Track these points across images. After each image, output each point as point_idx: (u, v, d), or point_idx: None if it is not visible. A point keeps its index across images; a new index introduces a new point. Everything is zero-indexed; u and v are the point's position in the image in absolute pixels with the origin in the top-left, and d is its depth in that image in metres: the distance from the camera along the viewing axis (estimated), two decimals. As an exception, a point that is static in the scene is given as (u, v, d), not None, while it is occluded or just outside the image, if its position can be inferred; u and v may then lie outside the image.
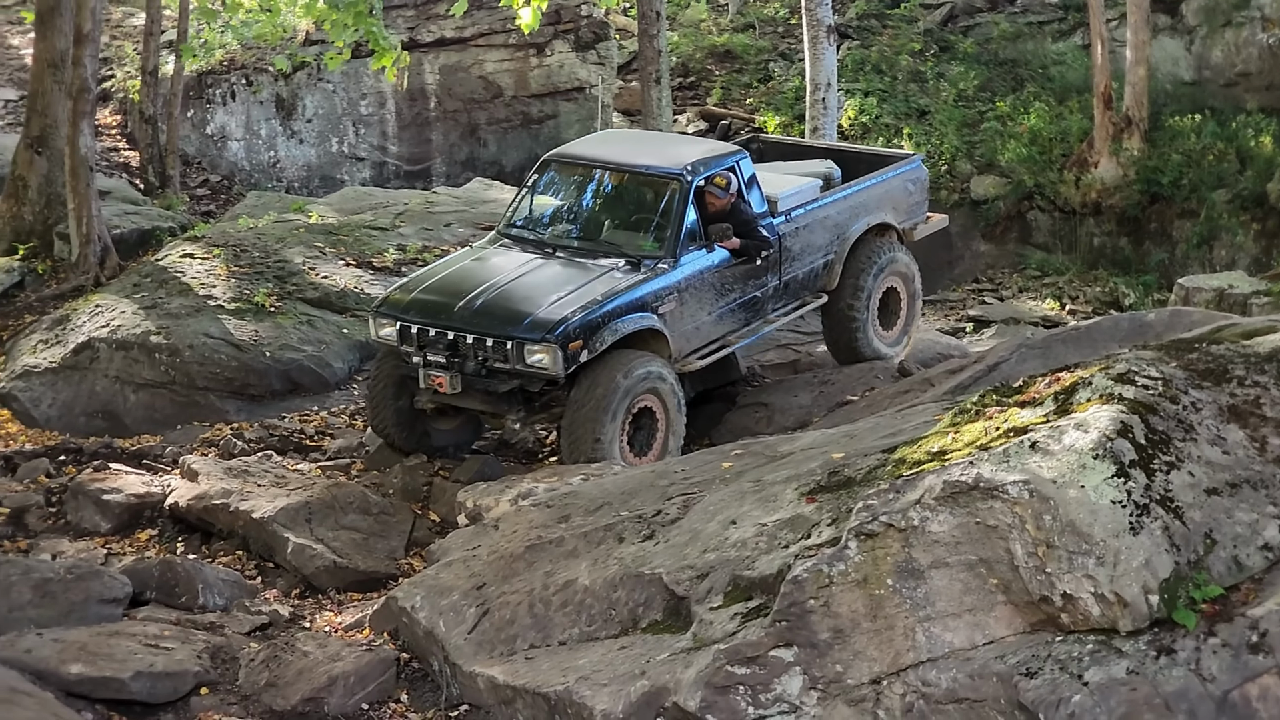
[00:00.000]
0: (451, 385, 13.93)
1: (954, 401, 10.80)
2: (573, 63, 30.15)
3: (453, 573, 10.40)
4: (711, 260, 14.91)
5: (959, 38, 33.09)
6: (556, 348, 13.53)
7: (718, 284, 15.02)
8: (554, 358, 13.55)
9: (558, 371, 13.61)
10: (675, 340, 14.51)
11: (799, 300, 16.16)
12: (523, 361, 13.65)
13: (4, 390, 17.20)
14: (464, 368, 13.90)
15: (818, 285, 16.33)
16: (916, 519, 7.60)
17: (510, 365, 13.73)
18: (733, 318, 15.32)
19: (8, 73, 29.74)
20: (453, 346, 13.88)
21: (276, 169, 28.50)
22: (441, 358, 13.93)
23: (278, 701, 9.90)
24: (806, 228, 15.98)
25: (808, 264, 16.06)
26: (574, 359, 13.62)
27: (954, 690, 7.42)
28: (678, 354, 14.61)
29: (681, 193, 14.74)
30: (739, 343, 15.54)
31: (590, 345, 13.70)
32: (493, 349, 13.72)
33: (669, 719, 7.83)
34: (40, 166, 20.56)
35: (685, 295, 14.62)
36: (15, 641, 10.13)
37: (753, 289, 15.44)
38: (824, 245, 16.21)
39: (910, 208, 17.47)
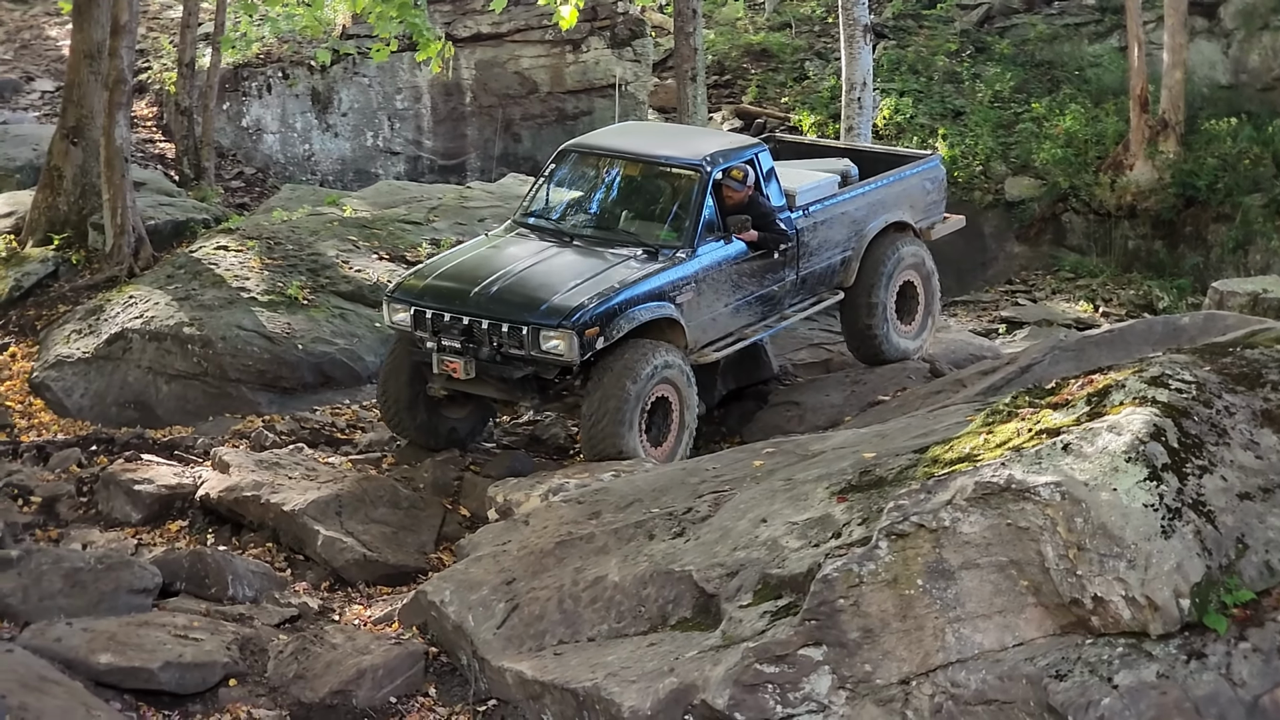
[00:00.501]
0: (466, 371, 13.83)
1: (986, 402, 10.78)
2: (608, 59, 30.14)
3: (482, 568, 10.41)
4: (729, 252, 14.86)
5: (995, 38, 33.01)
6: (573, 334, 13.44)
7: (735, 276, 14.96)
8: (570, 344, 13.45)
9: (574, 358, 13.53)
10: (692, 331, 14.43)
11: (816, 296, 16.12)
12: (538, 348, 13.57)
13: (37, 380, 17.26)
14: (478, 353, 13.82)
15: (835, 282, 16.26)
16: (948, 520, 7.58)
17: (525, 351, 13.64)
18: (750, 311, 15.26)
19: (45, 64, 29.84)
20: (467, 332, 13.79)
21: (311, 162, 28.54)
22: (456, 343, 13.84)
23: (306, 694, 9.92)
24: (825, 223, 15.94)
25: (825, 259, 16.00)
26: (590, 346, 13.53)
27: (983, 691, 7.40)
28: (694, 345, 14.55)
29: (700, 183, 14.72)
30: (755, 336, 15.50)
31: (606, 332, 13.63)
32: (508, 334, 13.64)
33: (697, 716, 7.82)
34: (76, 157, 20.59)
35: (702, 286, 14.55)
36: (45, 630, 10.17)
37: (770, 283, 15.38)
38: (842, 241, 16.17)
39: (927, 206, 17.42)
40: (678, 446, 14.12)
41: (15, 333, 18.65)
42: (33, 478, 14.68)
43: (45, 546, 12.79)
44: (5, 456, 15.35)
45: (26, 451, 15.43)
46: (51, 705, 8.77)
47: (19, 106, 27.59)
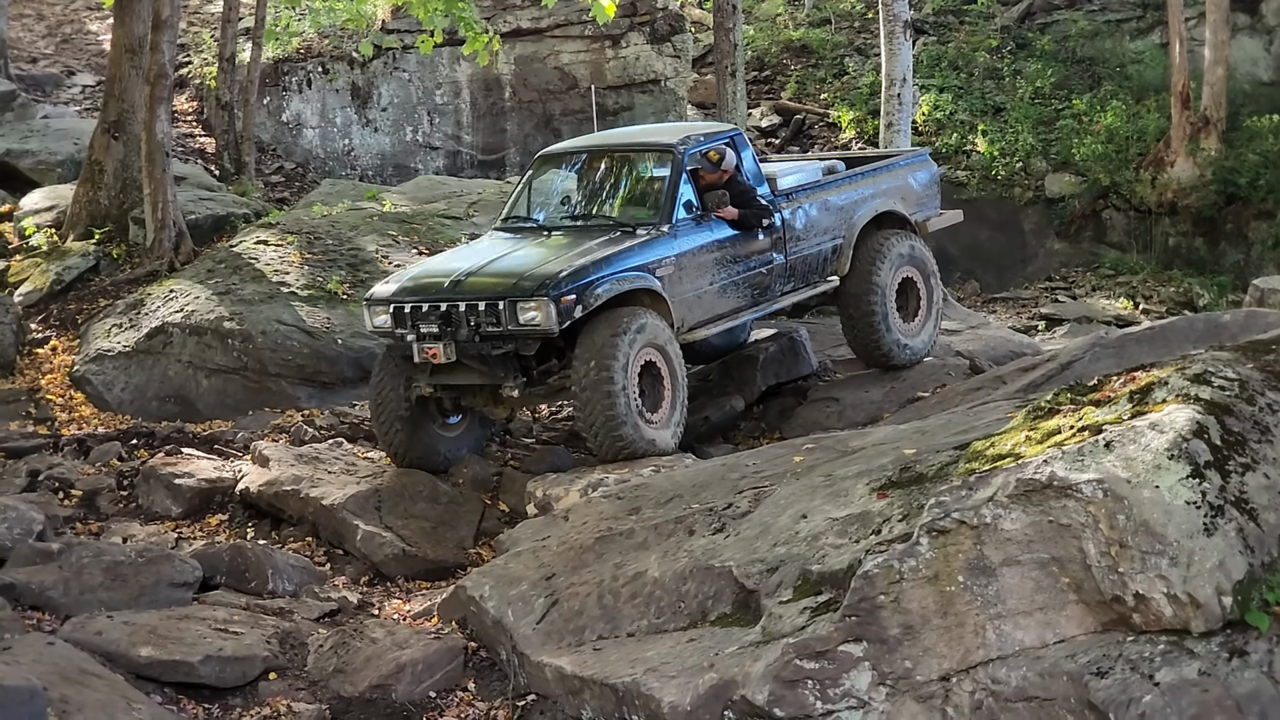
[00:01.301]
0: (446, 354, 13.60)
1: (1026, 399, 10.75)
2: (648, 55, 30.14)
3: (522, 563, 10.41)
4: (710, 230, 14.77)
5: (1036, 35, 32.94)
6: (549, 302, 13.23)
7: (719, 254, 14.83)
8: (547, 314, 13.25)
9: (551, 327, 13.30)
10: (677, 307, 14.28)
11: (809, 283, 15.93)
12: (516, 321, 13.36)
13: (78, 373, 17.33)
14: (457, 335, 13.58)
15: (828, 270, 16.10)
16: (989, 516, 7.55)
17: (503, 327, 13.41)
18: (737, 292, 15.09)
19: (86, 58, 29.96)
20: (445, 317, 13.59)
21: (351, 157, 28.61)
22: (434, 327, 13.62)
23: (345, 688, 9.93)
24: (809, 208, 15.86)
25: (814, 245, 15.88)
26: (568, 314, 13.35)
27: (1024, 689, 7.37)
28: (681, 322, 14.37)
29: (675, 163, 14.71)
30: (745, 318, 15.43)
31: (584, 300, 13.45)
32: (485, 312, 13.43)
33: (737, 712, 7.81)
34: (117, 151, 20.67)
35: (684, 261, 14.43)
36: (86, 624, 10.21)
37: (758, 265, 15.25)
38: (831, 228, 16.04)
39: (920, 200, 17.26)
40: (672, 413, 13.91)
41: (56, 326, 18.74)
42: (73, 471, 14.74)
43: (86, 540, 12.83)
44: (46, 450, 15.41)
45: (67, 445, 15.50)
46: (92, 698, 8.80)
47: (60, 101, 27.70)
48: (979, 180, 29.92)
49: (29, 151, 23.51)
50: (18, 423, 16.34)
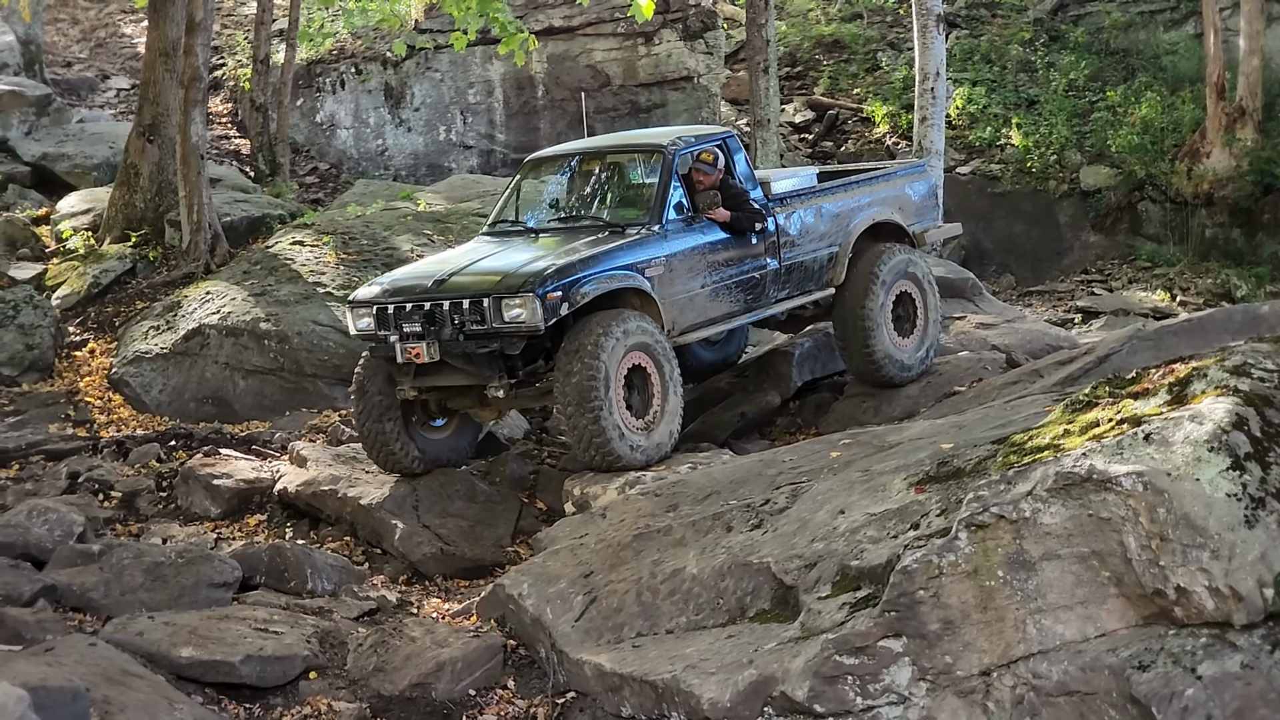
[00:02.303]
0: (429, 353, 13.25)
1: (1064, 393, 10.73)
2: (681, 52, 30.13)
3: (560, 561, 10.42)
4: (702, 232, 14.44)
5: (1069, 27, 32.84)
6: (534, 298, 12.87)
7: (711, 257, 14.46)
8: (532, 310, 12.90)
9: (537, 323, 12.93)
10: (667, 309, 13.92)
11: (804, 290, 15.52)
12: (500, 318, 13.00)
13: (116, 375, 17.40)
14: (440, 334, 13.24)
15: (824, 279, 15.66)
16: (1028, 510, 7.53)
17: (488, 324, 13.07)
18: (730, 296, 14.70)
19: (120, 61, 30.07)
20: (429, 316, 13.25)
21: (384, 157, 28.67)
22: (417, 326, 13.29)
23: (385, 686, 9.95)
24: (804, 214, 15.49)
25: (809, 251, 15.47)
26: (554, 311, 12.99)
27: (1065, 683, 7.35)
28: (671, 324, 14.02)
29: (665, 163, 14.42)
30: (739, 322, 15.09)
31: (570, 298, 13.11)
32: (469, 310, 13.10)
33: (777, 708, 7.81)
34: (152, 154, 20.74)
35: (674, 262, 14.08)
36: (127, 624, 10.25)
37: (751, 269, 14.86)
38: (826, 234, 15.64)
39: (919, 210, 16.80)
40: (661, 421, 13.51)
41: (94, 329, 18.81)
42: (113, 473, 14.81)
43: (126, 541, 12.89)
44: (86, 452, 15.49)
45: (106, 447, 15.56)
46: (134, 698, 8.83)
47: (95, 104, 27.82)
48: (1013, 173, 29.86)
49: (65, 155, 23.62)
50: (57, 425, 16.41)
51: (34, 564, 11.59)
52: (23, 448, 15.60)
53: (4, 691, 6.72)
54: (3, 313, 18.04)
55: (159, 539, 13.19)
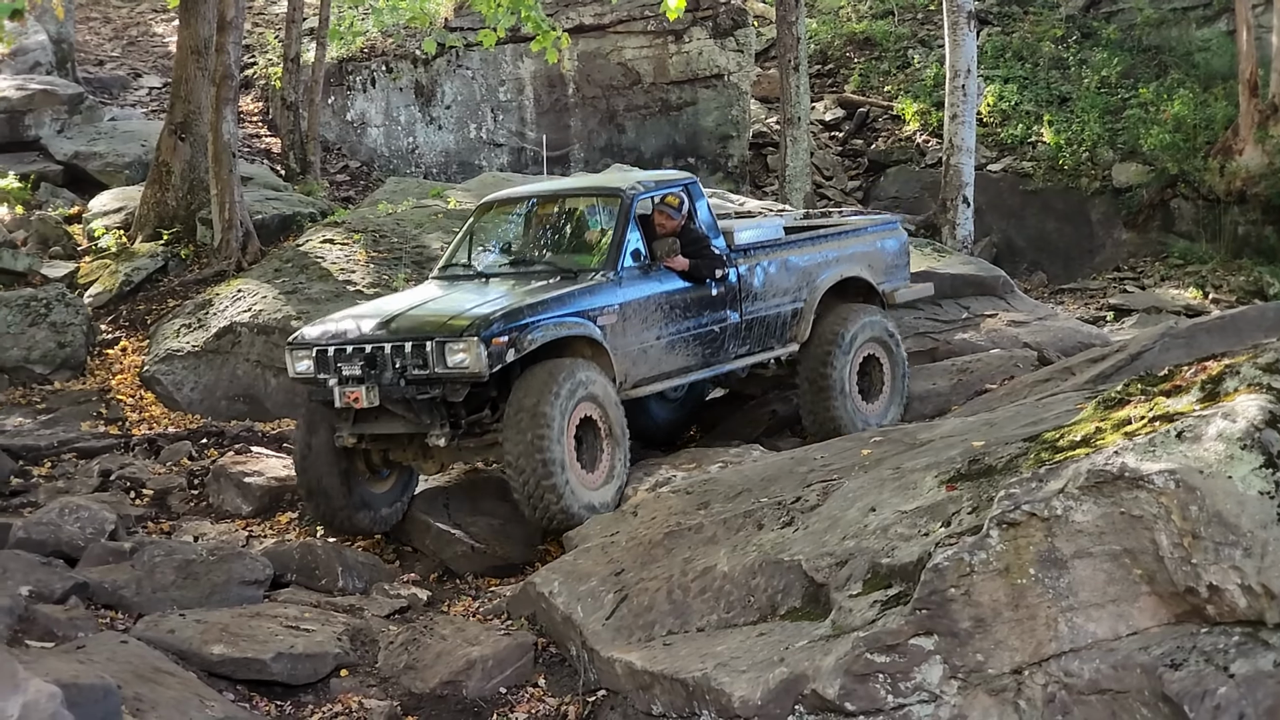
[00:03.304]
0: (368, 398, 12.65)
1: (1096, 390, 10.69)
2: (711, 49, 30.14)
3: (591, 559, 10.42)
4: (659, 281, 13.89)
5: (1102, 24, 32.77)
6: (479, 343, 12.28)
7: (667, 307, 13.91)
8: (476, 356, 12.29)
9: (481, 370, 12.32)
10: (619, 359, 13.34)
11: (766, 346, 14.92)
12: (443, 363, 12.41)
13: (148, 373, 17.45)
14: (380, 379, 12.63)
15: (787, 335, 15.10)
16: (1060, 508, 7.49)
17: (430, 369, 12.47)
18: (688, 349, 14.11)
19: (152, 60, 30.15)
20: (370, 359, 12.66)
21: (415, 155, 28.70)
22: (356, 370, 12.71)
23: (416, 684, 9.97)
24: (768, 267, 14.92)
25: (773, 306, 14.91)
26: (499, 358, 12.40)
27: (1097, 681, 7.32)
28: (624, 376, 13.45)
29: (622, 208, 13.87)
30: (694, 377, 14.36)
31: (517, 344, 12.52)
32: (411, 353, 12.50)
33: (808, 706, 7.79)
34: (184, 152, 20.80)
35: (629, 311, 13.50)
36: (159, 622, 10.28)
37: (710, 321, 14.30)
38: (790, 289, 15.07)
39: (889, 268, 16.19)
40: (611, 472, 12.88)
41: (126, 327, 18.87)
42: (144, 470, 14.85)
43: (157, 539, 12.93)
44: (117, 450, 15.54)
45: (138, 444, 15.61)
46: (166, 695, 8.86)
47: (127, 103, 27.90)
48: (1045, 171, 29.80)
49: (97, 154, 23.70)
50: (89, 423, 16.47)
51: (66, 561, 11.65)
52: (55, 445, 15.66)
53: (36, 688, 6.73)
54: (35, 311, 18.10)
55: (190, 537, 13.23)
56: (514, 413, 12.39)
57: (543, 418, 12.26)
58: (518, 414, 12.35)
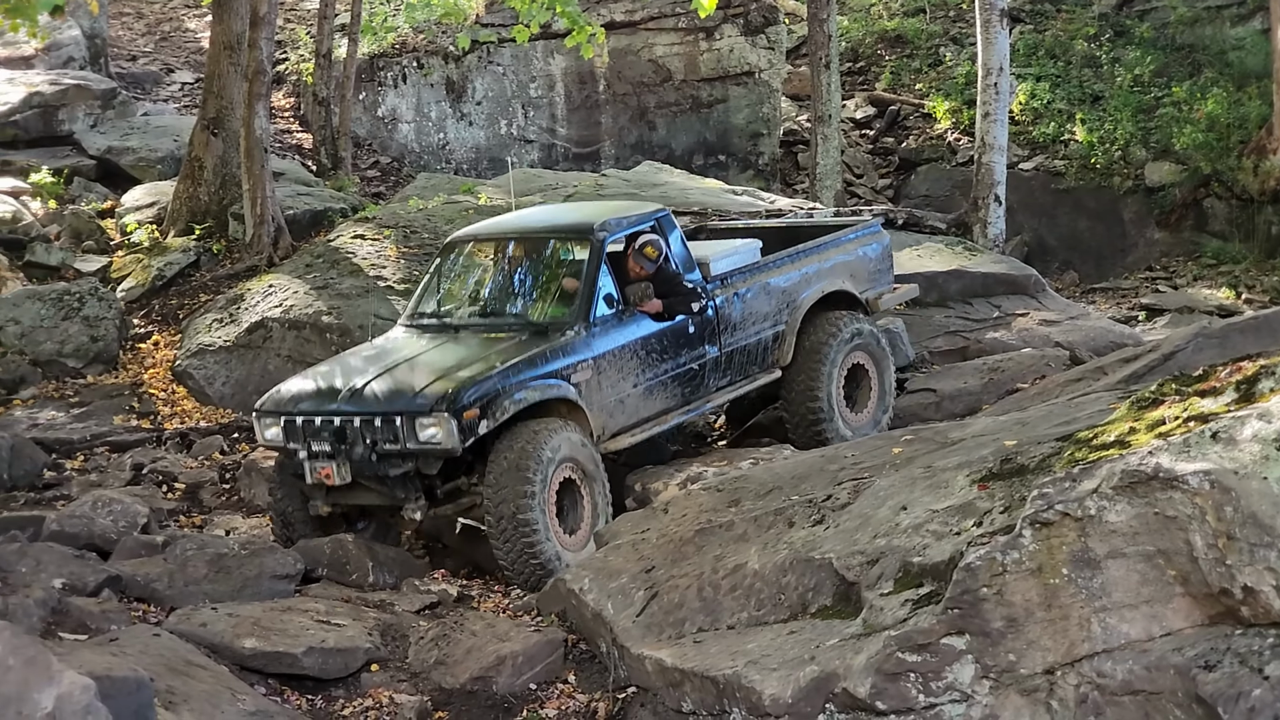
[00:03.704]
0: (340, 474, 12.36)
1: (1128, 390, 10.66)
2: (742, 47, 30.12)
3: (621, 556, 10.41)
4: (634, 324, 13.53)
5: (1135, 22, 32.64)
6: (449, 418, 12.02)
7: (643, 352, 13.55)
8: (448, 430, 12.04)
9: (453, 445, 12.09)
10: (595, 414, 13.05)
11: (747, 375, 14.60)
12: (415, 439, 12.14)
13: (180, 368, 17.51)
14: (351, 454, 12.34)
15: (768, 360, 14.77)
16: (1093, 508, 7.47)
17: (401, 445, 12.20)
18: (666, 392, 13.78)
19: (185, 55, 30.22)
20: (339, 433, 12.36)
21: (446, 151, 28.73)
22: (327, 445, 12.39)
23: (447, 679, 9.99)
24: (746, 294, 14.53)
25: (753, 334, 14.55)
26: (471, 431, 12.12)
27: (1130, 682, 7.30)
28: (600, 430, 13.13)
29: (593, 250, 13.44)
30: (675, 421, 13.97)
31: (490, 414, 12.21)
32: (381, 428, 12.21)
33: (839, 705, 7.78)
34: (216, 148, 20.86)
35: (603, 363, 13.16)
36: (191, 615, 10.31)
37: (688, 360, 13.93)
38: (771, 314, 14.71)
39: (871, 275, 15.77)
40: (586, 541, 12.52)
41: (158, 321, 18.95)
42: (176, 464, 14.92)
43: (189, 532, 13.00)
44: (150, 443, 15.62)
45: (170, 439, 15.70)
46: (198, 689, 8.89)
47: (160, 98, 27.97)
48: (1077, 169, 29.72)
49: (130, 149, 23.77)
50: (122, 417, 16.55)
51: (99, 554, 11.72)
52: (87, 439, 15.75)
53: (70, 680, 6.76)
54: (68, 305, 18.19)
55: (222, 531, 13.29)
56: (496, 479, 12.17)
57: (524, 486, 12.08)
58: (499, 483, 12.14)
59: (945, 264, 19.27)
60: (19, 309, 18.28)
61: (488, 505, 12.20)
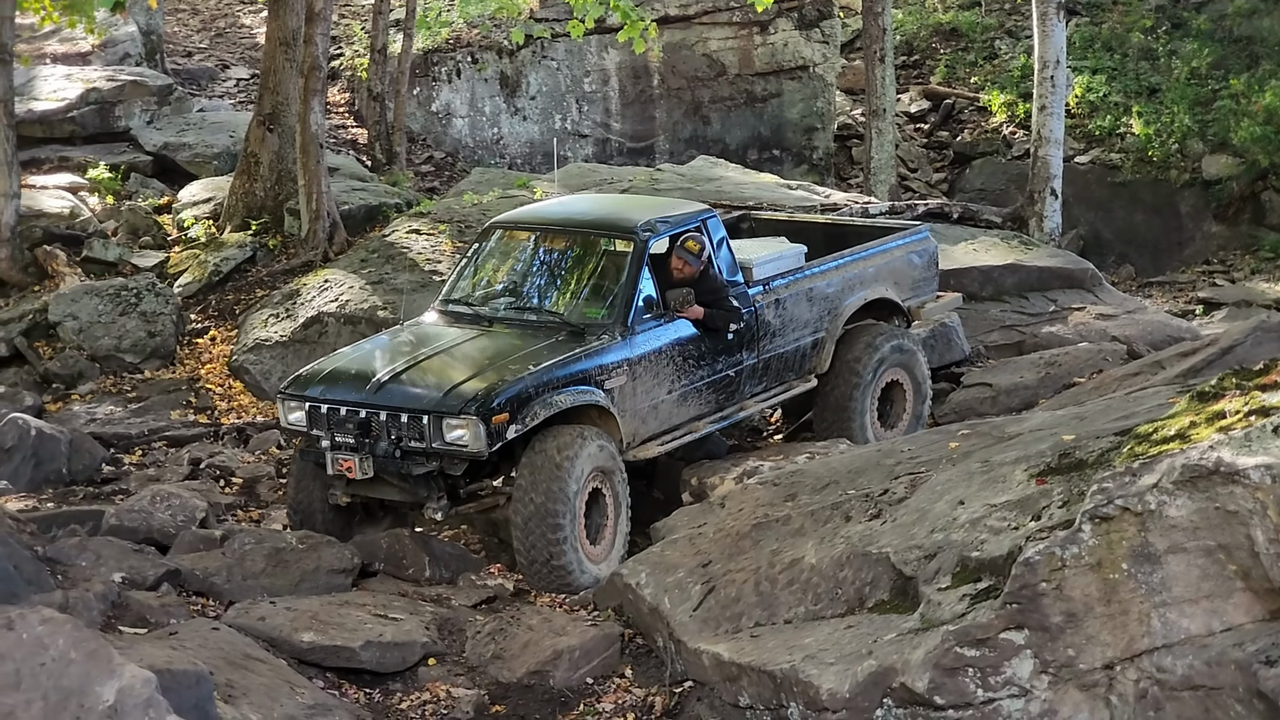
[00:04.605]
0: (361, 469, 12.12)
1: (1187, 385, 10.61)
2: (796, 41, 30.07)
3: (678, 550, 10.42)
4: (672, 328, 13.22)
5: (1192, 14, 32.42)
6: (478, 421, 11.76)
7: (680, 359, 13.24)
8: (475, 433, 11.79)
9: (480, 448, 11.83)
10: (627, 421, 12.77)
11: (783, 383, 14.29)
12: (441, 439, 11.91)
13: (236, 363, 17.57)
14: (375, 449, 12.10)
15: (806, 367, 14.47)
16: (1153, 503, 7.44)
17: (427, 444, 11.96)
18: (700, 399, 13.50)
19: (240, 51, 30.35)
20: (364, 425, 12.12)
21: (500, 146, 28.76)
22: (350, 438, 12.15)
23: (503, 673, 10.01)
24: (789, 300, 14.19)
25: (792, 341, 14.25)
26: (499, 435, 11.85)
27: (1190, 677, 7.28)
28: (631, 437, 12.88)
29: (635, 251, 13.12)
30: (705, 430, 13.66)
31: (519, 419, 11.94)
32: (407, 425, 11.98)
33: (896, 699, 7.77)
34: (272, 143, 20.93)
35: (638, 369, 12.86)
36: (249, 609, 10.36)
37: (724, 367, 13.63)
38: (811, 321, 14.41)
39: (916, 283, 15.49)
40: (612, 548, 12.43)
41: (214, 317, 19.03)
42: (233, 459, 14.99)
43: (247, 526, 13.04)
44: (207, 438, 15.68)
45: (227, 433, 15.76)
46: (257, 682, 8.93)
47: (215, 94, 28.10)
48: (1133, 163, 29.54)
49: (186, 144, 23.88)
50: (179, 412, 16.64)
51: (158, 548, 11.78)
52: (145, 434, 15.83)
53: (131, 674, 6.80)
54: (126, 300, 18.30)
55: (279, 525, 13.32)
56: (528, 484, 11.97)
57: (560, 495, 11.90)
58: (532, 487, 11.94)
59: (1001, 258, 19.20)
60: (77, 304, 18.39)
61: (516, 506, 12.01)
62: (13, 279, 19.79)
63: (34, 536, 11.10)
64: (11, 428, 14.70)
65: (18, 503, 13.38)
